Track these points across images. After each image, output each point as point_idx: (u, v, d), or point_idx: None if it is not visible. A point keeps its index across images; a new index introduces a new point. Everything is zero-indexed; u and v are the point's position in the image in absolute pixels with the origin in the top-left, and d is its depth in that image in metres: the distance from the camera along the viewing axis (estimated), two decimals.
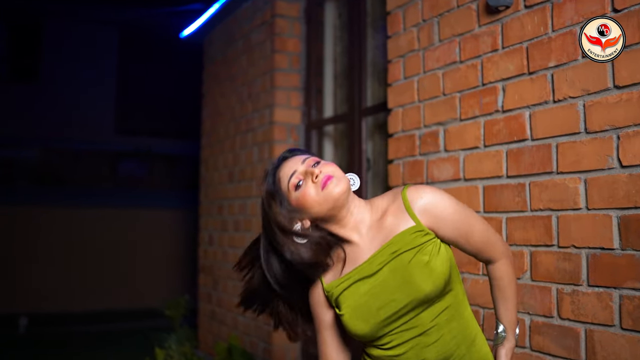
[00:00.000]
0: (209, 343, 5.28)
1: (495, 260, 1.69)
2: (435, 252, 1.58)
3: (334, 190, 1.56)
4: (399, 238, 1.58)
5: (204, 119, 5.77)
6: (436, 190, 1.63)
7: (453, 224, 1.60)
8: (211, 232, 5.47)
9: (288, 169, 1.61)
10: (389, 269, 1.58)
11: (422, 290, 1.54)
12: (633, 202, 1.91)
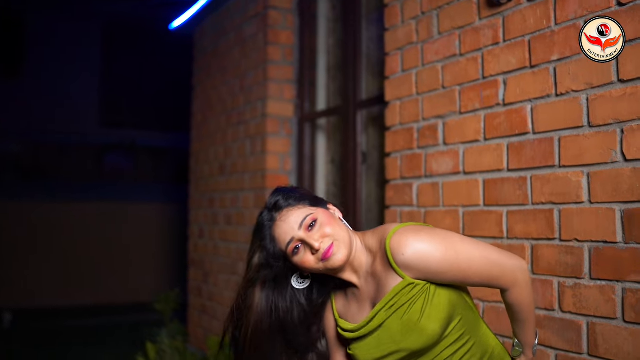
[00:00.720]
0: (200, 337, 5.25)
1: (505, 290, 1.62)
2: (428, 302, 1.54)
3: (335, 263, 1.55)
4: (390, 296, 1.55)
5: (194, 112, 5.73)
6: (421, 239, 1.54)
7: (443, 274, 1.53)
8: (202, 226, 5.44)
9: (285, 235, 1.56)
10: (388, 323, 1.57)
11: (419, 342, 1.54)
12: (637, 195, 1.91)
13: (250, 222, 4.53)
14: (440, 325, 1.54)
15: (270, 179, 4.36)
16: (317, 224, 1.55)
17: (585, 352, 2.07)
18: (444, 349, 1.58)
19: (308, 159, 4.40)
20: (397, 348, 1.56)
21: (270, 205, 1.61)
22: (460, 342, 1.60)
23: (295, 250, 1.56)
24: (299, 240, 1.55)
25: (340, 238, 1.56)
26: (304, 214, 1.56)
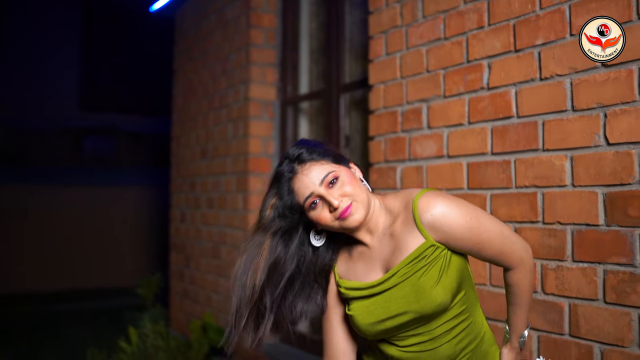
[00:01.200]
0: (181, 321, 5.25)
1: (510, 268, 1.65)
2: (445, 268, 1.56)
3: (351, 223, 1.55)
4: (413, 255, 1.55)
5: (176, 96, 5.68)
6: (448, 204, 1.56)
7: (463, 241, 1.56)
8: (183, 210, 5.42)
9: (304, 189, 1.55)
10: (405, 284, 1.57)
11: (429, 307, 1.55)
12: (619, 179, 1.94)
13: (232, 206, 4.53)
14: (451, 293, 1.56)
15: (252, 162, 4.35)
16: (338, 181, 1.54)
17: (567, 332, 2.10)
18: (444, 322, 1.59)
19: (291, 143, 4.38)
20: (406, 309, 1.56)
21: (292, 156, 1.58)
22: (459, 319, 1.61)
23: (312, 205, 1.54)
24: (318, 195, 1.54)
25: (359, 199, 1.55)
26: (326, 170, 1.55)
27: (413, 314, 1.56)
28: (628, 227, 1.92)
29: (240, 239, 4.30)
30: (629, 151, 1.91)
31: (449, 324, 1.60)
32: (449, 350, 1.60)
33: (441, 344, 1.60)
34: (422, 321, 1.58)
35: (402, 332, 1.61)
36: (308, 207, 1.55)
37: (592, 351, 2.02)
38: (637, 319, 1.90)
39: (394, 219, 1.61)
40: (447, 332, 1.60)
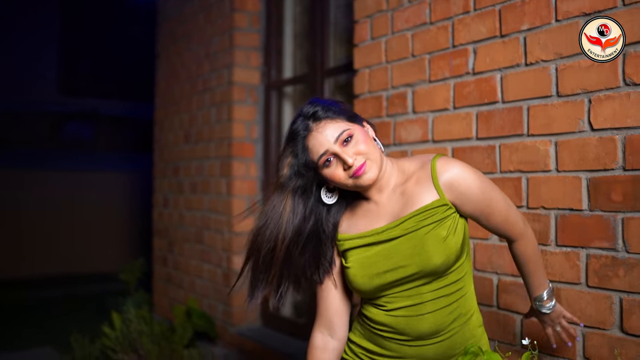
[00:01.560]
0: (165, 306, 5.24)
1: (513, 239, 1.71)
2: (452, 229, 1.59)
3: (365, 182, 1.58)
4: (425, 207, 1.58)
5: (158, 79, 5.62)
6: (465, 166, 1.62)
7: (476, 203, 1.61)
8: (166, 195, 5.39)
9: (318, 146, 1.56)
10: (404, 239, 1.59)
11: (433, 263, 1.56)
12: (602, 164, 1.96)
13: (215, 191, 4.51)
14: (455, 255, 1.59)
15: (236, 147, 4.33)
16: (352, 140, 1.56)
17: None
18: (437, 288, 1.61)
19: (274, 127, 4.38)
20: (408, 262, 1.58)
21: (307, 114, 1.59)
22: (452, 288, 1.63)
23: (326, 163, 1.56)
24: (332, 153, 1.56)
25: (372, 157, 1.57)
26: (341, 128, 1.56)
27: (413, 268, 1.58)
28: (611, 212, 1.94)
29: (224, 223, 4.30)
30: (612, 137, 1.93)
31: (440, 291, 1.61)
32: (434, 320, 1.61)
33: (428, 311, 1.61)
34: (418, 279, 1.59)
35: (395, 290, 1.61)
36: (322, 164, 1.57)
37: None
38: (618, 302, 1.93)
39: (406, 178, 1.65)
40: (436, 300, 1.61)
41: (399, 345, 1.64)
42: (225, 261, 4.36)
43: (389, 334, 1.65)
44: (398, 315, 1.63)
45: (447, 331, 1.63)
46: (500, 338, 2.29)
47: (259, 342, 3.97)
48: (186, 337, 3.75)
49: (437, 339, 1.63)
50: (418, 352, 1.63)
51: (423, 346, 1.63)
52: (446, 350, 1.64)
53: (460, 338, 1.66)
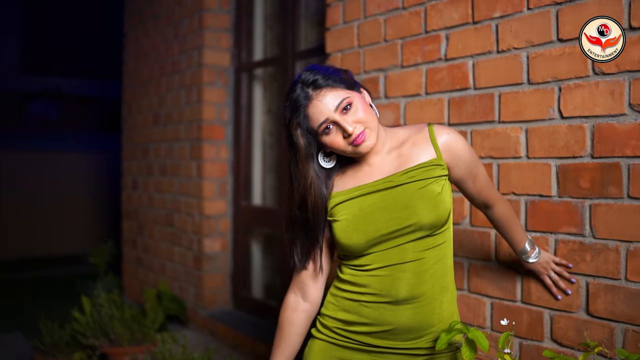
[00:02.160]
0: (135, 289, 5.21)
1: (494, 202, 1.85)
2: (445, 190, 1.67)
3: (364, 149, 1.62)
4: (422, 164, 1.66)
5: (126, 60, 5.53)
6: (458, 132, 1.74)
7: (468, 163, 1.72)
8: (135, 177, 5.33)
9: (318, 114, 1.60)
10: (400, 188, 1.64)
11: (425, 217, 1.62)
12: (571, 152, 1.99)
13: (185, 173, 4.48)
14: (447, 213, 1.66)
15: (206, 129, 4.30)
16: (351, 108, 1.60)
17: (519, 299, 2.17)
18: (421, 250, 1.64)
19: (245, 109, 4.35)
20: (402, 214, 1.62)
21: (307, 82, 1.62)
22: (436, 252, 1.67)
23: (326, 130, 1.61)
24: (332, 121, 1.60)
25: (371, 125, 1.62)
26: (341, 96, 1.60)
27: (406, 221, 1.62)
28: (579, 199, 1.98)
29: (195, 206, 4.28)
30: (581, 125, 1.96)
31: (423, 254, 1.65)
32: (412, 283, 1.64)
33: (408, 271, 1.63)
34: (408, 234, 1.63)
35: (382, 247, 1.64)
36: (322, 132, 1.61)
37: (543, 317, 2.10)
38: (584, 286, 1.98)
39: (401, 142, 1.71)
40: (418, 262, 1.64)
41: (376, 311, 1.66)
42: (196, 244, 4.34)
43: (367, 296, 1.67)
44: (378, 275, 1.65)
45: (423, 297, 1.65)
46: (470, 321, 2.34)
47: (231, 326, 3.98)
48: (158, 321, 3.74)
49: (413, 304, 1.65)
50: (394, 317, 1.65)
51: (400, 311, 1.65)
52: (423, 318, 1.66)
53: (437, 307, 1.68)
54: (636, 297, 1.84)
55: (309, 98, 1.61)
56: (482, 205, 1.87)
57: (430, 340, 1.68)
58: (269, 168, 4.34)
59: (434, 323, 1.68)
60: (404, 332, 1.66)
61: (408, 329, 1.66)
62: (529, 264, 2.03)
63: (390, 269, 1.65)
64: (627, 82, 1.84)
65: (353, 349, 1.71)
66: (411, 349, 1.67)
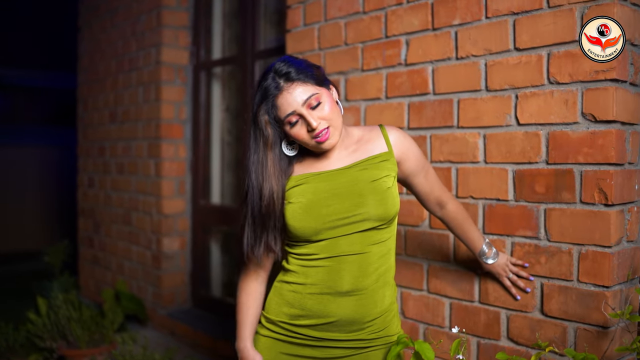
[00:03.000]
0: (92, 288, 5.15)
1: (447, 200, 1.96)
2: (395, 188, 1.76)
3: (327, 146, 1.69)
4: (372, 159, 1.75)
5: (81, 55, 5.43)
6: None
7: (417, 158, 1.84)
8: (91, 174, 5.25)
9: (286, 105, 1.65)
10: (353, 179, 1.71)
11: (374, 208, 1.69)
12: (527, 157, 2.06)
13: (143, 172, 4.44)
14: (394, 209, 1.73)
15: (165, 128, 4.27)
16: (319, 104, 1.66)
17: (477, 300, 2.24)
18: (370, 243, 1.72)
19: (203, 108, 4.34)
20: (352, 204, 1.69)
21: (280, 72, 1.67)
22: (380, 248, 1.74)
23: (292, 122, 1.66)
24: (299, 114, 1.65)
25: (335, 124, 1.68)
26: (310, 92, 1.65)
27: (354, 210, 1.69)
28: (534, 203, 2.05)
29: (153, 205, 4.25)
30: (537, 132, 2.03)
31: (367, 248, 1.72)
32: (355, 275, 1.70)
33: (353, 267, 1.70)
34: (355, 224, 1.69)
35: (330, 235, 1.69)
36: (287, 122, 1.67)
37: (500, 316, 2.17)
38: (539, 287, 2.05)
39: (356, 140, 1.80)
40: (362, 255, 1.71)
41: (320, 304, 1.72)
42: (154, 243, 4.31)
43: (311, 287, 1.73)
44: (324, 265, 1.71)
45: (366, 291, 1.72)
46: (430, 321, 2.40)
47: (190, 324, 3.97)
48: (117, 322, 3.71)
49: (356, 296, 1.71)
50: (337, 309, 1.71)
51: (342, 303, 1.71)
52: (365, 311, 1.73)
53: (379, 300, 1.75)
54: (587, 298, 1.92)
55: (279, 89, 1.66)
56: (436, 204, 1.96)
57: (372, 331, 1.75)
58: (228, 166, 4.33)
59: (376, 315, 1.76)
60: (346, 324, 1.73)
61: (350, 321, 1.73)
62: (488, 265, 2.09)
63: (335, 259, 1.71)
64: (580, 92, 1.91)
65: (297, 343, 1.77)
66: (353, 340, 1.74)
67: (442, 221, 2.02)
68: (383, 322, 1.77)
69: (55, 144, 8.95)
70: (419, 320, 2.45)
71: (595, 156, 1.88)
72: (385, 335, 1.78)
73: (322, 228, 1.69)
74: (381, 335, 1.77)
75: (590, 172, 1.89)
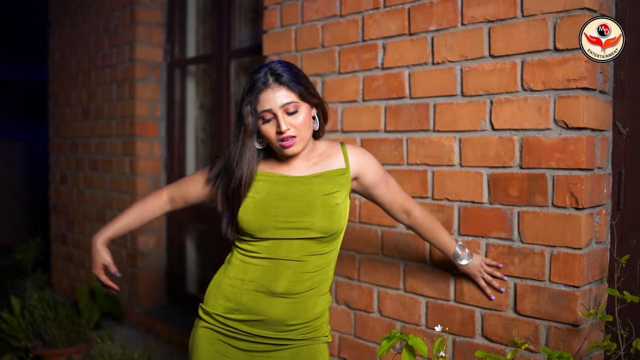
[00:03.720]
0: (65, 286, 5.11)
1: (413, 206, 2.04)
2: (344, 206, 1.86)
3: (287, 153, 1.79)
4: (329, 173, 1.85)
5: (52, 50, 5.37)
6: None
7: (376, 171, 1.94)
8: (63, 171, 5.21)
9: (266, 102, 1.75)
10: (307, 189, 1.82)
11: (320, 220, 1.79)
12: (502, 162, 2.13)
13: (117, 170, 4.43)
14: (339, 226, 1.84)
15: (139, 126, 4.26)
16: (295, 114, 1.76)
17: (453, 299, 2.30)
18: (309, 253, 1.82)
19: (178, 105, 4.33)
20: (299, 212, 1.79)
21: (273, 71, 1.77)
22: (320, 260, 1.84)
23: (266, 118, 1.76)
24: (273, 114, 1.76)
25: (302, 136, 1.79)
26: (291, 99, 1.76)
27: (300, 218, 1.79)
28: (508, 206, 2.12)
29: (128, 203, 4.24)
30: (511, 137, 2.10)
31: (306, 257, 1.82)
32: (291, 280, 1.81)
33: (290, 273, 1.81)
34: (299, 230, 1.79)
35: (274, 235, 1.80)
36: (262, 117, 1.77)
37: (474, 315, 2.24)
38: (513, 287, 2.12)
39: (319, 154, 1.90)
40: (299, 262, 1.81)
41: (254, 301, 1.82)
42: (130, 241, 4.31)
43: (248, 284, 1.83)
44: (263, 265, 1.82)
45: (300, 296, 1.83)
46: (406, 319, 2.46)
47: (167, 321, 3.99)
48: (93, 320, 3.71)
49: (289, 299, 1.82)
50: (269, 308, 1.82)
51: (275, 303, 1.81)
52: (295, 314, 1.83)
53: (310, 307, 1.86)
54: (558, 297, 2.00)
55: (266, 85, 1.75)
56: (402, 212, 2.05)
57: (300, 333, 1.86)
58: (202, 164, 4.34)
59: (305, 320, 1.87)
60: (276, 323, 1.84)
61: (280, 321, 1.83)
62: (463, 266, 2.16)
63: (275, 262, 1.82)
64: (552, 99, 1.98)
65: (231, 336, 1.87)
66: (281, 339, 1.85)
67: (413, 229, 2.11)
68: (312, 327, 1.89)
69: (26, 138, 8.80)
70: (396, 319, 2.51)
71: (567, 161, 1.95)
72: (313, 337, 1.90)
73: (267, 226, 1.79)
74: (309, 337, 1.89)
75: (562, 177, 1.97)
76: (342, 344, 2.72)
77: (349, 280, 2.68)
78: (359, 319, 2.65)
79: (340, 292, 2.72)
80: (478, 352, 1.82)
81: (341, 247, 2.66)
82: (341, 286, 2.71)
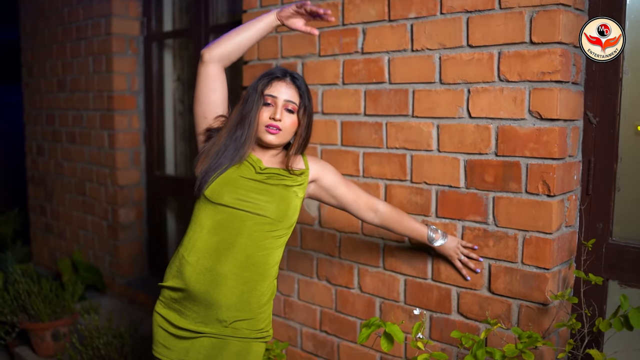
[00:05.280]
0: (45, 257, 5.15)
1: (377, 202, 2.21)
2: (296, 204, 2.05)
3: (269, 137, 1.99)
4: (291, 171, 2.05)
5: (23, 19, 5.27)
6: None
7: (334, 173, 2.17)
8: (40, 143, 5.19)
9: (276, 89, 1.99)
10: (270, 181, 2.01)
11: (274, 207, 1.98)
12: (478, 149, 2.21)
13: (96, 143, 4.43)
14: (291, 221, 2.05)
15: (117, 100, 4.26)
16: (290, 114, 2.00)
17: (430, 277, 2.41)
18: (259, 240, 1.98)
19: (156, 78, 4.33)
20: (254, 199, 1.97)
21: (292, 74, 2.04)
22: (267, 245, 2.00)
23: (267, 101, 1.99)
24: (275, 102, 1.99)
25: (284, 134, 2.01)
26: (295, 100, 2.01)
27: (253, 203, 1.97)
28: (484, 191, 2.21)
29: (107, 176, 4.26)
30: (487, 125, 2.18)
31: (258, 243, 1.98)
32: (236, 262, 1.96)
33: (239, 253, 1.96)
34: (253, 213, 1.97)
35: (227, 211, 1.96)
36: (265, 98, 1.99)
37: (451, 293, 2.35)
38: (487, 267, 2.23)
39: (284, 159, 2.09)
40: (251, 248, 1.97)
41: (198, 282, 1.96)
42: (110, 214, 4.35)
43: (196, 257, 1.97)
44: (211, 239, 1.97)
45: (240, 281, 1.97)
46: (385, 296, 2.57)
47: (150, 292, 4.07)
48: (77, 294, 3.77)
49: (230, 282, 1.96)
50: (209, 290, 1.96)
51: (218, 284, 1.95)
52: (236, 302, 1.98)
53: (247, 295, 1.99)
54: (530, 278, 2.11)
55: (283, 79, 2.02)
56: (369, 210, 2.21)
57: (230, 316, 1.99)
58: (180, 136, 4.37)
59: (246, 308, 2.01)
60: (214, 305, 1.97)
61: (219, 303, 1.97)
62: (440, 247, 2.27)
63: (223, 237, 1.96)
64: (527, 90, 2.06)
65: (170, 307, 2.06)
66: (212, 318, 1.99)
67: (383, 226, 2.25)
68: (249, 313, 2.01)
69: None
70: (376, 295, 2.61)
71: (540, 151, 2.04)
72: (247, 328, 2.02)
73: (226, 196, 1.96)
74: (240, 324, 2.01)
75: (535, 165, 2.06)
76: (324, 318, 2.83)
77: (329, 257, 2.77)
78: (340, 294, 2.76)
79: (322, 269, 2.81)
80: (454, 333, 1.94)
81: (322, 226, 2.76)
82: (322, 263, 2.81)
